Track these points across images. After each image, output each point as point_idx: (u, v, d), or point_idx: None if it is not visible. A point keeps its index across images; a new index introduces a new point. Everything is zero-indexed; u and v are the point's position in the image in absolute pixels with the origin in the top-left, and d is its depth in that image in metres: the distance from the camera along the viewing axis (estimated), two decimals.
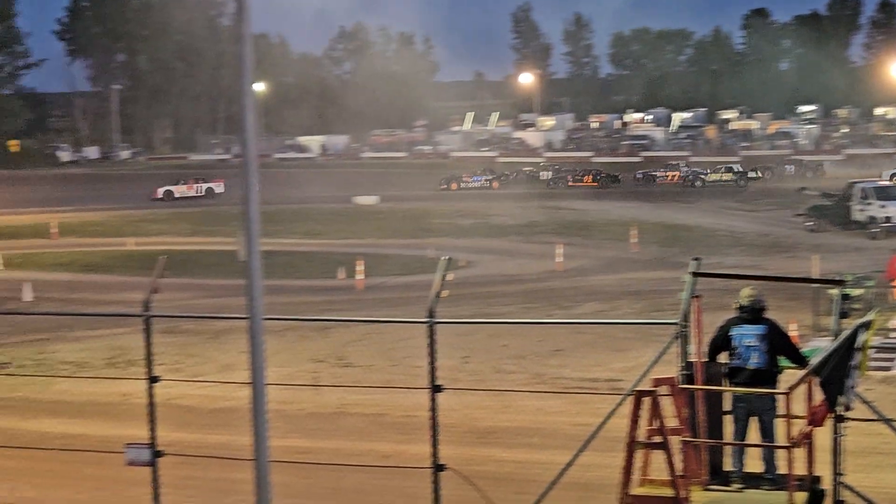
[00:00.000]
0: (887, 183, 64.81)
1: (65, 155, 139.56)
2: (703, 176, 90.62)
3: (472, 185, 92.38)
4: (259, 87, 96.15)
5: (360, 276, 43.11)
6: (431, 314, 12.07)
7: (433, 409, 12.24)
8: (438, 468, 12.30)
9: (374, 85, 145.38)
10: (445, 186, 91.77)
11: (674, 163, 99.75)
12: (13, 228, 67.74)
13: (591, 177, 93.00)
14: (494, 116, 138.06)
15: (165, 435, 13.06)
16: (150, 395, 12.79)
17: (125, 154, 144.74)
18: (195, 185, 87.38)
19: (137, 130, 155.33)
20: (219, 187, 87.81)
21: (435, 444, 12.25)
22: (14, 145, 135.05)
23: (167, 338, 28.04)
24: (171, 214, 75.31)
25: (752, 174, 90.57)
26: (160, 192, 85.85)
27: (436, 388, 12.24)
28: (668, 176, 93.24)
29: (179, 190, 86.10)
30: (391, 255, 51.80)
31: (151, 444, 12.83)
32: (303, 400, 22.67)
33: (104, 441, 18.06)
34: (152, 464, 12.83)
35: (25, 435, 21.06)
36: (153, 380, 12.84)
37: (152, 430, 12.81)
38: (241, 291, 8.27)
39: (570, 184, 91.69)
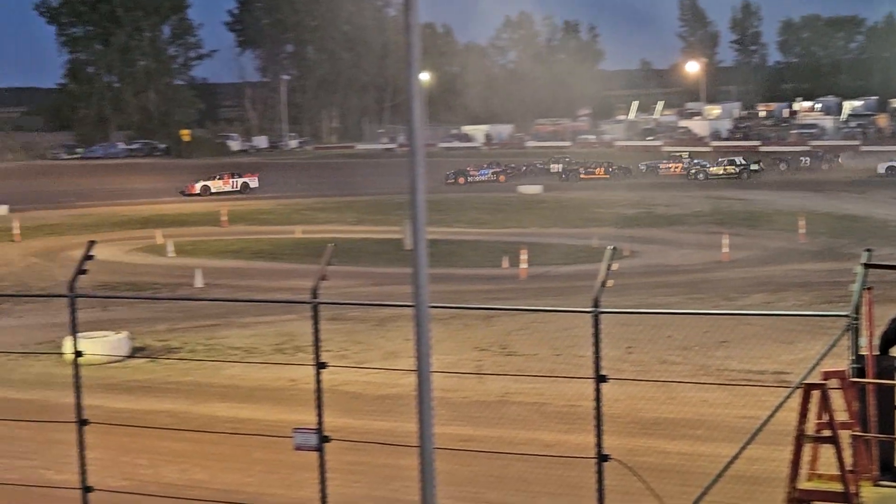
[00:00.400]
0: None
1: (235, 144, 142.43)
2: (705, 169, 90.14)
3: (479, 178, 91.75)
4: (425, 76, 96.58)
5: (523, 265, 43.09)
6: (596, 303, 12.00)
7: (597, 398, 12.18)
8: (602, 458, 12.24)
9: (538, 74, 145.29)
10: (453, 181, 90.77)
11: (676, 154, 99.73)
12: (185, 216, 69.33)
13: (602, 169, 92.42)
14: (660, 105, 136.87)
15: (332, 420, 13.19)
16: (318, 381, 12.92)
17: (293, 143, 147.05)
18: (230, 180, 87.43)
19: (305, 120, 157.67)
20: (253, 182, 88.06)
21: (599, 434, 12.19)
22: (186, 135, 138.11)
23: (334, 325, 28.40)
24: (339, 203, 76.25)
25: (754, 167, 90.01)
26: (197, 186, 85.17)
27: (600, 378, 12.17)
28: (670, 167, 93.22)
29: (216, 184, 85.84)
30: (555, 245, 51.70)
31: (319, 430, 12.97)
32: (466, 388, 22.75)
33: (272, 425, 18.36)
34: (319, 449, 12.98)
35: (197, 418, 21.55)
36: (321, 366, 12.97)
37: (319, 415, 12.95)
38: (407, 279, 8.33)
39: (581, 177, 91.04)
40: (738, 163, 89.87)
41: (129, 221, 67.09)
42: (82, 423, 13.81)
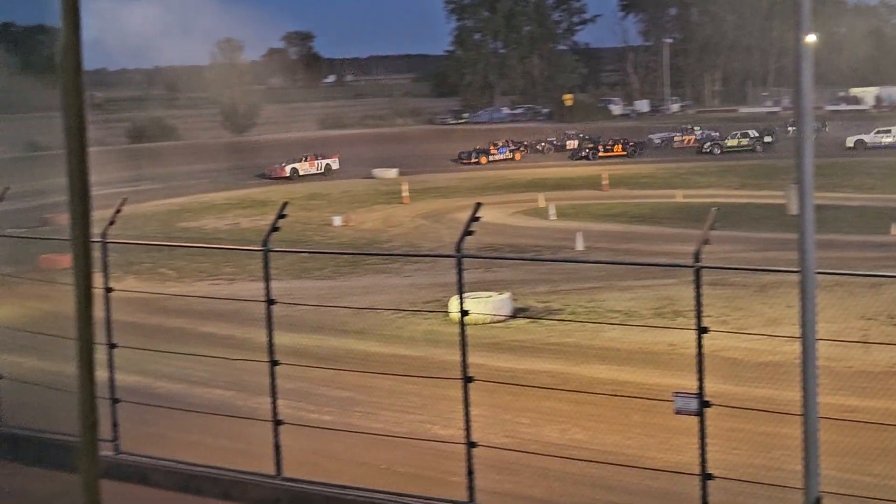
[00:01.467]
0: None
1: (616, 108, 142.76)
2: (719, 142, 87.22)
3: (498, 157, 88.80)
4: (812, 38, 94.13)
5: None
6: None
7: None
8: None
9: None
10: (476, 160, 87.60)
11: (688, 126, 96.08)
12: (567, 180, 70.23)
13: (620, 146, 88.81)
14: None
15: (711, 386, 13.11)
16: (699, 346, 12.87)
17: (674, 107, 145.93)
18: (315, 162, 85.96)
19: (687, 84, 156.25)
20: (334, 163, 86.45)
21: None
22: (569, 99, 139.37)
23: (714, 290, 28.07)
24: (720, 167, 75.44)
25: (767, 139, 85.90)
26: (287, 169, 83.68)
27: None
28: (684, 140, 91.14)
29: (302, 167, 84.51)
30: None
31: (699, 394, 12.93)
32: (851, 357, 22.13)
33: (651, 389, 18.40)
34: (700, 414, 12.93)
35: (576, 379, 21.88)
36: (702, 331, 12.91)
37: (700, 380, 12.89)
38: (790, 245, 8.21)
39: (600, 154, 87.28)
40: (752, 135, 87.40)
41: (512, 185, 68.51)
42: (468, 380, 14.23)
